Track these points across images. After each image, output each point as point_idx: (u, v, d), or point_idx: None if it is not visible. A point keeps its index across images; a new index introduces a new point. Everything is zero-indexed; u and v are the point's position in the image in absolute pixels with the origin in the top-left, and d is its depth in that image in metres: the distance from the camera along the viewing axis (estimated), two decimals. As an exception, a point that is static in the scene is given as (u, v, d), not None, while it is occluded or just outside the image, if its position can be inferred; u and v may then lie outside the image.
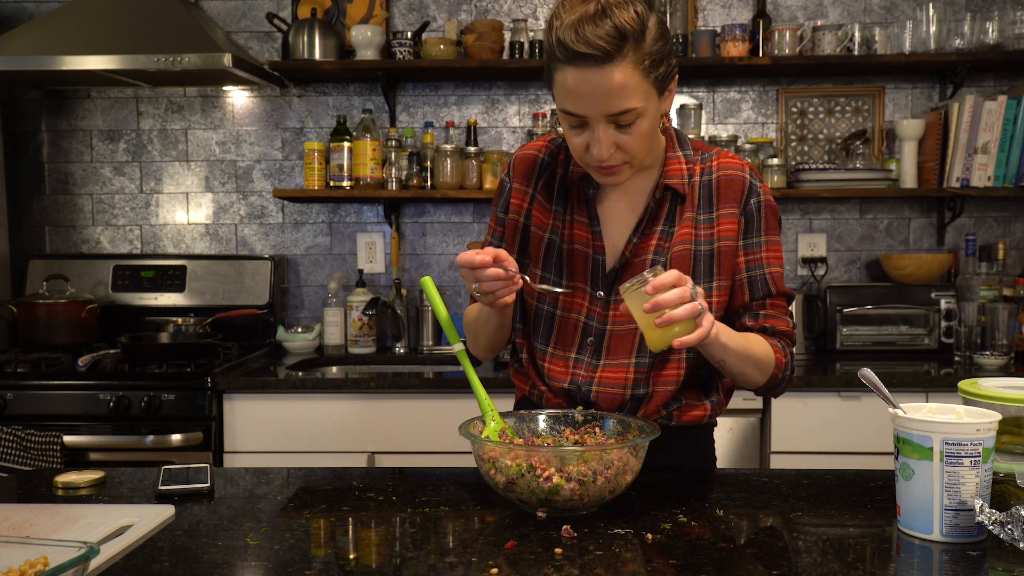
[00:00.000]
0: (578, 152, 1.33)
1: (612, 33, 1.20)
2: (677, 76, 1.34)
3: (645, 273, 1.21)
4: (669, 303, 1.17)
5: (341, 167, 3.01)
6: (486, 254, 1.26)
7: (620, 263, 1.42)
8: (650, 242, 1.41)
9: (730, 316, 1.45)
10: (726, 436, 2.58)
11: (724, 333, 1.30)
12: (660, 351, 1.26)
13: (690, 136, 3.12)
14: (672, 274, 1.19)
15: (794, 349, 1.48)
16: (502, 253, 1.27)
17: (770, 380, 1.43)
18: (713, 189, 1.41)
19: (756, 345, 1.38)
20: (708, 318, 1.21)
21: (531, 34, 3.06)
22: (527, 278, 1.33)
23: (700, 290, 1.22)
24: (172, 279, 3.15)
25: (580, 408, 1.39)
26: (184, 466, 1.42)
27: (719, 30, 3.03)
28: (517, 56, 3.01)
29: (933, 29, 2.93)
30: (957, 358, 2.87)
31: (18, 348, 2.91)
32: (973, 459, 1.06)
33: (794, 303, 2.94)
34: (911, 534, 1.11)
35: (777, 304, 1.44)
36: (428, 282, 1.40)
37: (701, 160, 1.44)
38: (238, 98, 3.25)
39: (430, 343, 3.12)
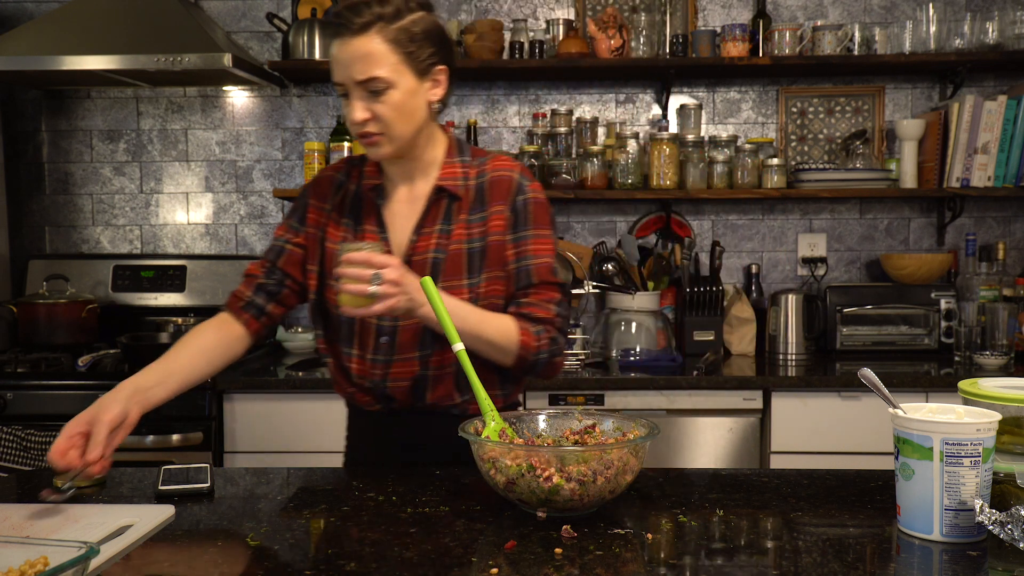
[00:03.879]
0: (350, 123, 1.45)
1: (367, 12, 1.39)
2: (447, 70, 1.47)
3: (363, 243, 1.36)
4: (346, 276, 1.31)
5: (341, 167, 3.01)
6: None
7: (403, 262, 1.47)
8: (429, 241, 1.51)
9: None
10: (726, 436, 2.58)
11: (456, 314, 1.37)
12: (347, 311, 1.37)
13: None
14: (362, 255, 1.31)
15: (557, 336, 1.51)
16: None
17: (519, 361, 1.49)
18: (485, 190, 1.52)
19: (492, 328, 1.45)
20: (387, 303, 1.31)
21: (531, 34, 3.05)
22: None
23: (385, 275, 1.30)
24: (172, 279, 3.14)
25: (580, 408, 1.40)
26: (184, 466, 1.42)
27: (719, 30, 3.03)
28: (517, 56, 3.01)
29: (933, 29, 2.93)
30: (957, 358, 2.87)
31: (18, 348, 2.91)
32: (973, 459, 1.06)
33: (793, 303, 2.96)
34: (911, 534, 1.11)
35: (541, 292, 1.50)
36: (428, 282, 1.39)
37: (478, 164, 1.55)
38: (238, 98, 3.25)
39: (430, 343, 3.12)
